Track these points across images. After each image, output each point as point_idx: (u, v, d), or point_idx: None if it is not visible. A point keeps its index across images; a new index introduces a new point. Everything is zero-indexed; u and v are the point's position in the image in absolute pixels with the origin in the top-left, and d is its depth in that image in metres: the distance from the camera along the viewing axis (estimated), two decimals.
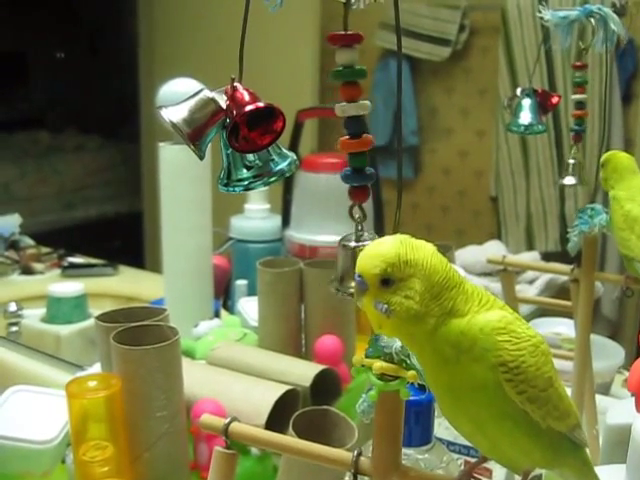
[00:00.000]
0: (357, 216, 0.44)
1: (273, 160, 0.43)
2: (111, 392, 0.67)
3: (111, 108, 4.50)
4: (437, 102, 2.92)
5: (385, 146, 2.81)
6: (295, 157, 0.44)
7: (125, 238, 3.58)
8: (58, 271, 1.70)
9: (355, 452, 0.45)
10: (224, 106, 0.42)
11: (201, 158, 0.42)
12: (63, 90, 4.79)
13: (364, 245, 0.42)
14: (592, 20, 0.80)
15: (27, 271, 1.69)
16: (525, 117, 0.90)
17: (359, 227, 0.44)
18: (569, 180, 0.86)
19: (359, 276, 0.40)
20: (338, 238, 0.46)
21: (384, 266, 0.39)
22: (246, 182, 0.43)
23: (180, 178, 1.08)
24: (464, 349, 0.40)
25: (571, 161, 0.87)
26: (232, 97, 0.41)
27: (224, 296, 1.34)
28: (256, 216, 1.36)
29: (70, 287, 1.24)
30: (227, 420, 0.49)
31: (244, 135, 0.41)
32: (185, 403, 0.73)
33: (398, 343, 0.42)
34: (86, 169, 4.19)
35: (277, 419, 0.77)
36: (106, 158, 4.33)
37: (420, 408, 0.64)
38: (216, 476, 0.49)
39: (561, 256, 2.43)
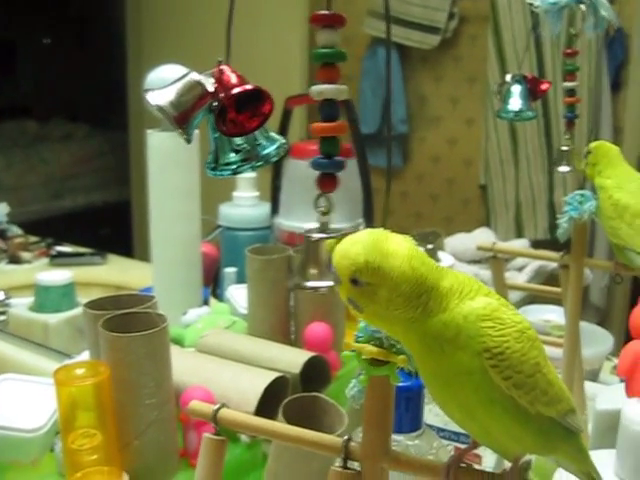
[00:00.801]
0: (321, 207, 0.43)
1: (261, 144, 0.42)
2: (99, 379, 0.66)
3: (99, 96, 4.47)
4: (426, 90, 2.91)
5: (374, 134, 2.81)
6: (284, 141, 0.43)
7: (113, 227, 3.57)
8: (46, 260, 1.69)
9: (345, 438, 0.44)
10: (211, 89, 0.41)
11: (188, 142, 0.41)
12: (50, 79, 4.76)
13: (328, 237, 0.42)
14: (582, 6, 0.79)
15: (15, 260, 1.68)
16: (515, 103, 0.90)
17: (324, 218, 0.43)
18: (564, 168, 0.86)
19: (334, 270, 0.40)
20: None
21: (353, 269, 0.39)
22: (234, 166, 0.42)
23: (168, 165, 1.07)
24: (448, 339, 0.40)
25: (564, 148, 0.87)
26: (219, 80, 0.41)
27: (213, 284, 1.33)
28: (245, 204, 1.35)
29: (58, 275, 1.23)
30: (216, 406, 0.48)
31: (232, 118, 0.40)
32: (174, 391, 0.72)
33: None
34: (74, 158, 4.17)
35: (267, 406, 0.76)
36: (94, 147, 4.30)
37: (410, 394, 0.64)
38: (205, 463, 0.49)
39: (550, 244, 2.43)
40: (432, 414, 0.80)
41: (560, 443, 0.45)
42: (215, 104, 0.41)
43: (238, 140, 0.42)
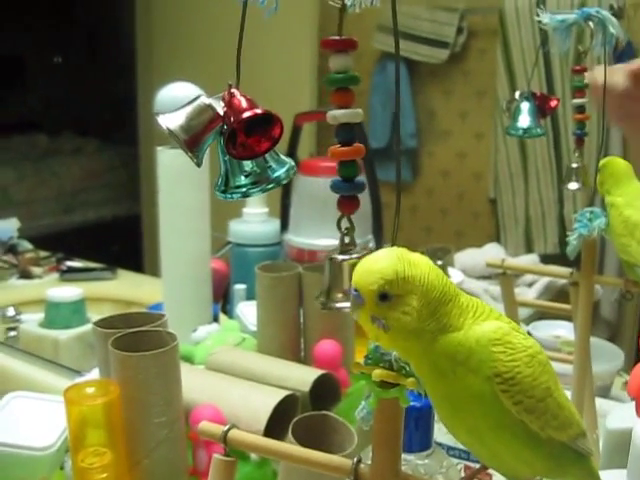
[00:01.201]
0: (344, 228, 0.43)
1: (271, 167, 0.42)
2: (109, 398, 0.66)
3: (109, 111, 4.50)
4: (435, 105, 2.92)
5: (383, 149, 2.82)
6: (293, 163, 0.44)
7: (123, 241, 3.58)
8: (56, 275, 1.70)
9: (355, 459, 0.44)
10: (221, 112, 0.41)
11: (199, 165, 0.42)
12: (61, 93, 4.79)
13: (352, 258, 0.42)
14: (590, 23, 0.79)
15: (25, 275, 1.69)
16: (524, 120, 0.90)
17: (346, 239, 0.43)
18: (573, 185, 0.86)
19: (355, 290, 0.39)
20: (336, 242, 0.45)
21: (382, 282, 0.39)
22: (244, 189, 0.42)
23: (178, 182, 1.07)
24: (460, 361, 0.40)
25: (574, 165, 0.87)
26: (229, 103, 0.41)
27: (223, 300, 1.33)
28: (254, 220, 1.35)
29: (68, 292, 1.24)
30: (226, 427, 0.48)
31: (241, 142, 0.40)
32: (184, 409, 0.72)
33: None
34: (84, 172, 4.18)
35: (276, 424, 0.76)
36: (104, 161, 4.32)
37: (420, 414, 0.64)
38: None
39: (560, 259, 2.42)
40: (442, 432, 0.80)
41: (570, 467, 0.45)
42: (225, 127, 0.41)
43: (248, 163, 0.42)
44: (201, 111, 0.41)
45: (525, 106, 0.90)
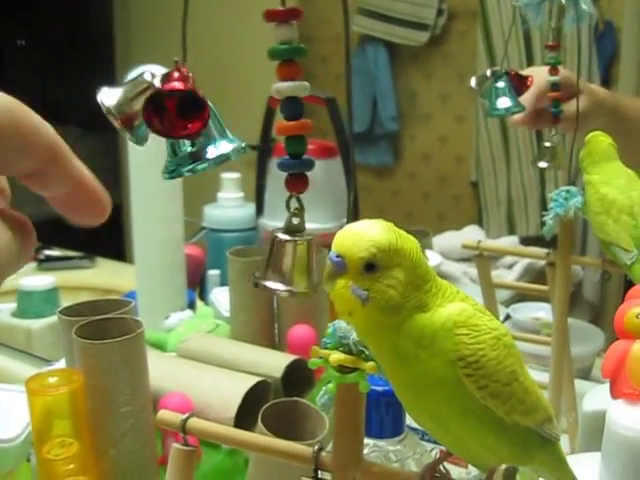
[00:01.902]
0: (294, 208, 0.41)
1: (214, 143, 0.41)
2: (73, 388, 0.65)
3: (89, 99, 4.44)
4: (416, 87, 2.90)
5: (363, 133, 2.80)
6: (243, 144, 0.42)
7: (105, 230, 3.54)
8: (34, 264, 1.67)
9: (315, 447, 0.43)
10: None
11: (138, 144, 0.40)
12: (39, 82, 4.74)
13: (294, 240, 0.40)
14: (562, 0, 0.78)
15: None
16: (503, 102, 0.88)
17: (294, 220, 0.41)
18: (543, 164, 0.85)
19: (338, 256, 0.37)
20: (314, 226, 0.44)
21: (374, 251, 0.37)
22: (189, 166, 0.41)
23: (149, 167, 1.05)
24: (424, 345, 0.38)
25: (547, 144, 0.86)
26: (168, 79, 0.39)
27: (199, 287, 1.32)
28: (229, 205, 1.34)
29: (41, 281, 1.22)
30: (184, 416, 0.47)
31: (171, 119, 0.38)
32: (153, 397, 0.71)
33: (355, 333, 0.40)
34: None
35: (249, 411, 0.75)
36: (85, 150, 4.26)
37: (391, 398, 0.63)
38: (174, 473, 0.47)
39: (542, 240, 2.42)
40: None
41: (537, 453, 0.44)
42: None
43: (191, 142, 0.40)
44: (138, 87, 0.39)
45: (501, 86, 0.88)
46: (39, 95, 4.58)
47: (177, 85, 0.37)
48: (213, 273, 1.19)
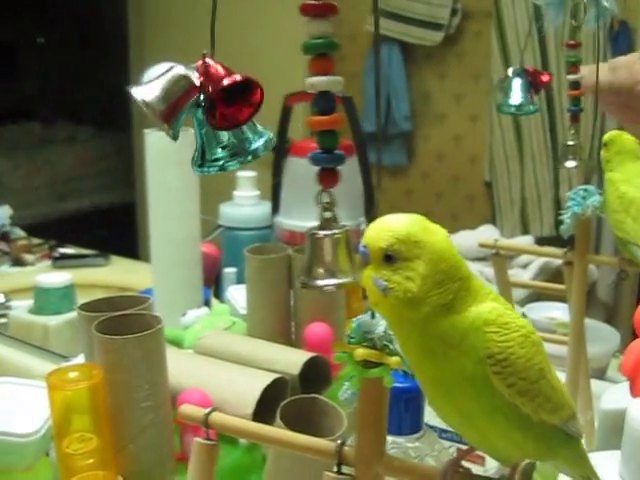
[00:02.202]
0: (325, 202, 0.41)
1: (248, 138, 0.41)
2: (93, 383, 0.65)
3: (102, 98, 4.47)
4: (430, 87, 2.90)
5: (377, 132, 2.80)
6: (271, 135, 0.42)
7: (118, 228, 3.56)
8: (49, 262, 1.68)
9: (338, 442, 0.43)
10: (197, 83, 0.40)
11: (175, 138, 0.40)
12: (54, 81, 4.76)
13: (333, 234, 0.40)
14: None
15: (18, 262, 1.68)
16: (516, 97, 0.88)
17: (327, 214, 0.41)
18: (570, 163, 0.84)
19: (364, 247, 0.39)
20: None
21: (392, 241, 0.38)
22: (221, 162, 0.41)
23: (166, 165, 1.06)
24: (453, 344, 0.39)
25: (570, 143, 0.85)
26: (206, 73, 0.39)
27: (215, 284, 1.32)
28: (245, 203, 1.34)
29: (58, 277, 1.23)
30: (207, 410, 0.47)
31: (222, 111, 0.39)
32: (171, 393, 0.71)
33: (381, 328, 0.40)
34: (78, 160, 4.17)
35: (265, 408, 0.75)
36: (98, 149, 4.30)
37: (410, 395, 0.63)
38: (196, 468, 0.48)
39: (556, 240, 2.41)
40: (433, 415, 0.79)
41: (561, 449, 0.44)
42: (202, 98, 0.40)
43: (225, 135, 0.40)
44: (177, 81, 0.40)
45: (517, 82, 0.88)
46: (54, 94, 4.61)
47: (237, 77, 0.37)
48: (229, 271, 1.19)
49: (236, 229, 1.32)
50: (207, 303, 1.16)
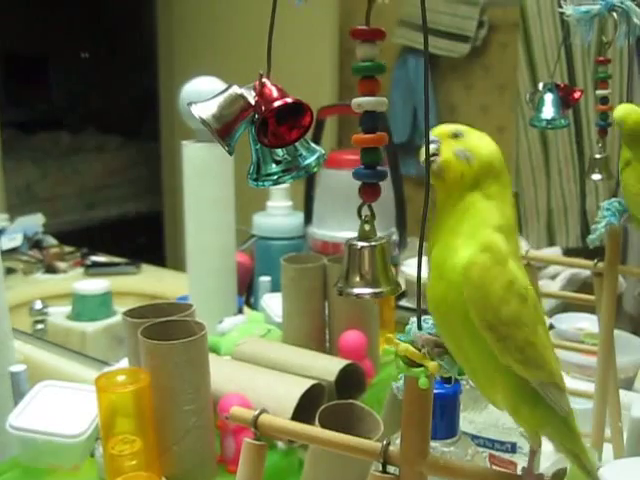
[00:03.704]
0: (365, 215, 0.44)
1: (301, 155, 0.43)
2: (140, 386, 0.68)
3: (131, 107, 4.52)
4: (456, 99, 2.91)
5: (403, 144, 2.81)
6: (323, 151, 0.44)
7: (146, 236, 3.60)
8: (81, 270, 1.72)
9: (384, 442, 0.45)
10: (253, 102, 0.42)
11: (230, 154, 0.42)
12: (84, 91, 4.82)
13: (371, 245, 0.43)
14: (614, 14, 0.79)
15: (51, 270, 1.71)
16: (548, 112, 0.90)
17: (366, 227, 0.44)
18: (596, 176, 0.86)
19: (435, 138, 0.47)
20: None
21: (459, 126, 0.48)
22: (275, 177, 0.43)
23: (203, 176, 1.09)
24: (448, 266, 0.43)
25: (597, 156, 0.86)
26: (261, 93, 0.42)
27: (247, 292, 1.35)
28: (278, 213, 1.36)
29: (95, 284, 1.26)
30: (257, 412, 0.49)
31: (273, 130, 0.41)
32: (212, 398, 0.74)
33: (427, 336, 0.43)
34: (107, 169, 4.22)
35: (302, 414, 0.77)
36: (126, 157, 4.35)
37: (445, 401, 0.65)
38: (246, 467, 0.50)
39: (582, 252, 2.41)
40: (466, 422, 0.81)
41: (542, 412, 0.45)
42: (257, 116, 0.42)
43: (279, 151, 0.43)
44: (233, 100, 0.42)
45: (549, 97, 0.90)
46: (83, 104, 4.67)
47: (289, 100, 0.40)
48: (264, 279, 1.21)
49: (269, 239, 1.34)
50: (240, 311, 1.18)
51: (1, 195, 2.45)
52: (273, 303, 1.08)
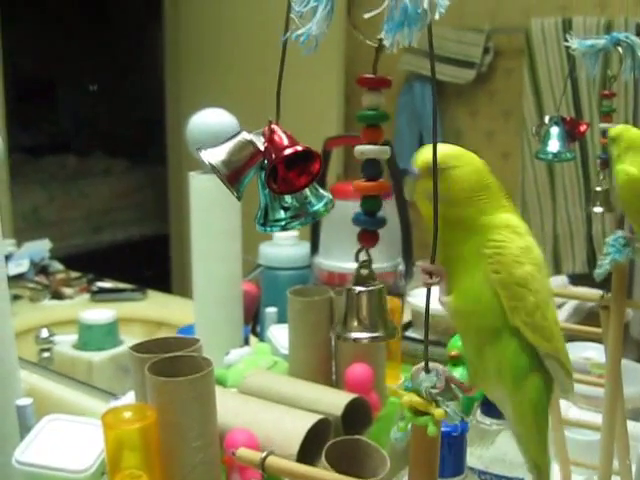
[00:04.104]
0: (362, 260, 0.44)
1: (310, 201, 0.44)
2: (146, 423, 0.67)
3: (138, 132, 4.54)
4: (462, 124, 2.92)
5: (409, 169, 2.82)
6: (331, 197, 0.45)
7: (151, 260, 3.60)
8: (87, 296, 1.72)
9: None
10: (262, 148, 0.43)
11: (239, 199, 0.43)
12: (90, 114, 4.85)
13: (368, 290, 0.43)
14: (619, 48, 0.80)
15: (57, 296, 1.71)
16: (554, 145, 0.90)
17: (363, 271, 0.44)
18: (598, 209, 0.86)
19: (415, 168, 0.49)
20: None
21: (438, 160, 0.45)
22: (283, 222, 0.44)
23: (211, 207, 1.09)
24: (476, 231, 0.47)
25: (598, 189, 0.87)
26: (270, 139, 0.42)
27: (253, 322, 1.34)
28: (285, 243, 1.36)
29: (101, 314, 1.26)
30: (264, 454, 0.49)
31: (282, 177, 0.42)
32: (218, 433, 0.73)
33: (428, 383, 0.43)
34: (113, 192, 4.23)
35: (309, 447, 0.77)
36: (133, 181, 4.37)
37: (453, 439, 0.65)
38: None
39: (589, 278, 2.40)
40: (474, 457, 0.80)
41: (538, 385, 0.48)
42: (266, 163, 0.43)
43: (287, 198, 0.43)
44: (242, 147, 0.43)
45: (555, 130, 0.90)
46: (90, 127, 4.69)
47: (299, 148, 0.40)
48: (270, 311, 1.21)
49: (275, 269, 1.34)
50: (246, 340, 1.18)
51: (8, 219, 2.45)
52: (279, 334, 1.08)
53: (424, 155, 0.49)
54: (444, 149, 0.49)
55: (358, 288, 0.43)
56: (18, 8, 3.95)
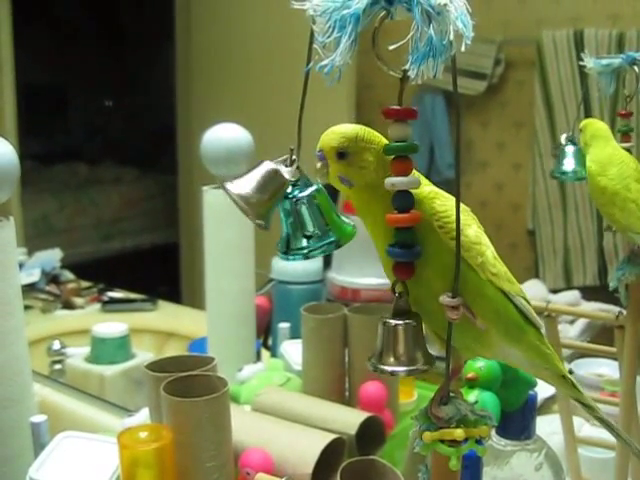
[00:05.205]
0: (398, 292, 0.44)
1: (331, 229, 0.44)
2: (162, 444, 0.67)
3: (148, 141, 4.55)
4: (473, 135, 2.92)
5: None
6: (353, 224, 0.45)
7: (161, 269, 3.61)
8: (98, 306, 1.71)
9: None
10: (287, 177, 0.43)
11: (266, 229, 0.43)
12: (101, 123, 4.86)
13: (405, 322, 0.43)
14: (635, 67, 0.80)
15: (68, 306, 1.71)
16: (569, 164, 0.90)
17: (400, 303, 0.44)
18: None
19: (320, 151, 0.45)
20: (373, 280, 0.47)
21: (342, 140, 0.45)
22: (305, 251, 0.44)
23: (224, 222, 1.09)
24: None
25: None
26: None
27: (265, 335, 1.34)
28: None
29: (114, 328, 1.26)
30: None
31: None
32: (233, 452, 0.73)
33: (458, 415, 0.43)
34: (123, 200, 4.24)
35: (323, 466, 0.77)
36: (143, 189, 4.37)
37: (469, 462, 0.64)
38: None
39: (600, 290, 2.40)
40: (488, 478, 0.80)
41: (499, 308, 0.49)
42: (290, 189, 0.43)
43: (310, 227, 0.43)
44: (270, 176, 0.43)
45: (570, 149, 0.90)
46: (101, 136, 4.70)
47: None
48: (283, 326, 1.20)
49: (288, 283, 1.33)
50: (258, 354, 1.18)
51: (19, 227, 2.46)
52: (292, 350, 1.08)
53: (328, 138, 0.46)
54: (347, 130, 0.46)
55: (394, 321, 0.44)
56: (35, 26, 3.99)
